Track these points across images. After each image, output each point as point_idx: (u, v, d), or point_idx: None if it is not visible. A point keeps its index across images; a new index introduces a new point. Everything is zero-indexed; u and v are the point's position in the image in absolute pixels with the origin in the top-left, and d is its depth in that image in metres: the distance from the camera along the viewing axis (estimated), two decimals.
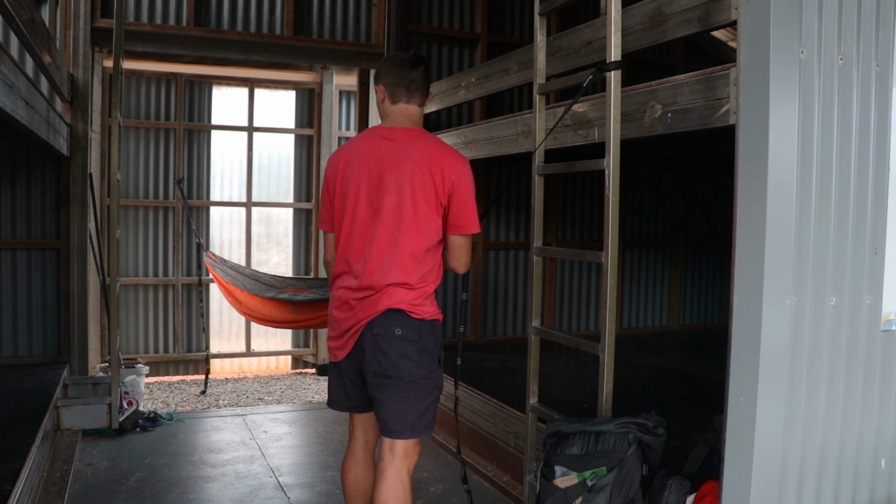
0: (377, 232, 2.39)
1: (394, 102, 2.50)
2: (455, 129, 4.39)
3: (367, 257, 2.39)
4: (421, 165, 2.38)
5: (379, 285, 2.38)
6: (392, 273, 2.38)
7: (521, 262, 5.83)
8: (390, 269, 2.38)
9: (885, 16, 2.12)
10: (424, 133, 2.50)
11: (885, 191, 2.16)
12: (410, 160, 2.39)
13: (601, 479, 2.25)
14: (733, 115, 2.18)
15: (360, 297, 2.40)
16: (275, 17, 4.97)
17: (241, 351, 6.88)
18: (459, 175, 2.42)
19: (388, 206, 2.39)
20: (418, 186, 2.38)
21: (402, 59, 2.51)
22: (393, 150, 2.42)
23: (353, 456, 2.58)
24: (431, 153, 2.41)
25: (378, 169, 2.41)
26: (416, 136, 2.46)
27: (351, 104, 7.19)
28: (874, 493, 2.21)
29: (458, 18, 5.49)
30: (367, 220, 2.42)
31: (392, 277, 2.37)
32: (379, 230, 2.39)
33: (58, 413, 3.63)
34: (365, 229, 2.42)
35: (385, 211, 2.39)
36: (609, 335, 2.53)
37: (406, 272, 2.39)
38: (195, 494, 3.50)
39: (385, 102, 2.52)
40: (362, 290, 2.40)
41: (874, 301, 2.16)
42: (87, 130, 4.44)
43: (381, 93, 2.53)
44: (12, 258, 4.44)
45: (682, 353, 5.71)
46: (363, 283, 2.40)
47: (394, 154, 2.41)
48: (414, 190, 2.38)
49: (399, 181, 2.38)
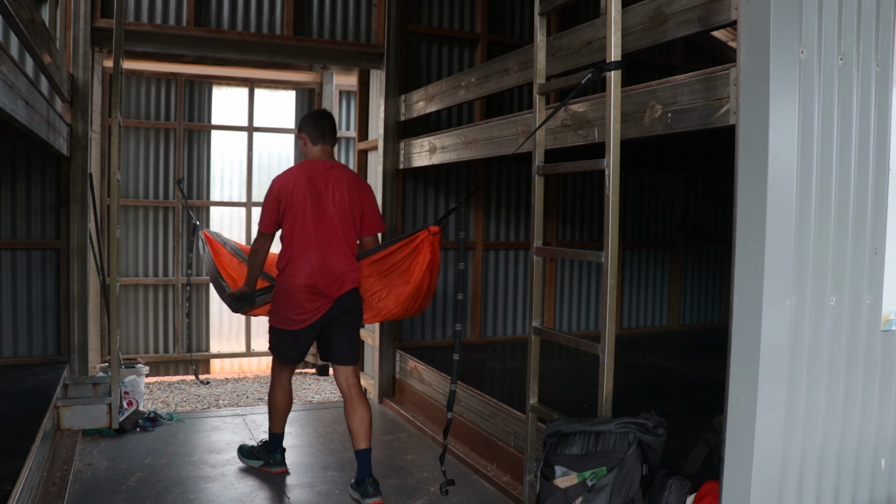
0: (331, 235, 3.43)
1: (315, 144, 3.57)
2: (455, 129, 4.39)
3: (326, 253, 3.42)
4: (350, 187, 3.49)
5: (338, 272, 3.43)
6: (344, 263, 3.45)
7: (521, 262, 5.83)
8: (342, 260, 3.45)
9: (885, 16, 2.12)
10: (344, 165, 3.65)
11: (885, 191, 2.16)
12: (342, 182, 3.47)
13: (601, 479, 2.25)
14: (733, 115, 2.18)
15: (326, 281, 3.41)
16: (275, 17, 4.97)
17: (241, 351, 6.89)
18: (370, 193, 3.61)
19: (332, 215, 3.44)
20: (347, 201, 3.47)
21: (316, 115, 3.63)
22: (328, 176, 3.47)
23: (286, 389, 3.73)
24: (352, 178, 3.54)
25: (322, 190, 3.44)
26: (341, 166, 3.57)
27: (351, 104, 7.18)
28: (874, 493, 2.21)
29: (458, 18, 5.49)
30: (318, 225, 3.42)
31: (345, 266, 3.45)
32: (329, 233, 3.43)
33: (58, 413, 3.64)
34: (320, 233, 3.42)
35: (331, 219, 3.44)
36: (609, 335, 2.53)
37: (351, 261, 3.49)
38: (195, 494, 3.50)
39: (308, 145, 3.59)
40: (327, 276, 3.41)
41: (874, 301, 2.16)
42: (87, 130, 4.44)
43: (304, 139, 3.59)
44: (12, 258, 4.44)
45: (682, 353, 5.71)
46: (327, 271, 3.41)
47: (329, 179, 3.47)
48: (346, 204, 3.46)
49: (337, 197, 3.45)
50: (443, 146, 4.45)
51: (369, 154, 5.77)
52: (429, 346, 5.42)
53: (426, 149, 4.71)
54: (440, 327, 5.58)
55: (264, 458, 3.83)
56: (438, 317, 5.57)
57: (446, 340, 5.52)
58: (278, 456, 3.82)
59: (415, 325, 5.49)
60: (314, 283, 3.39)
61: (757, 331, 1.99)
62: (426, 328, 5.54)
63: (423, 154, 4.77)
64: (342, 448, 4.21)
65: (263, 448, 3.86)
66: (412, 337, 5.48)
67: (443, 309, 5.56)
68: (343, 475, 3.79)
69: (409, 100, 5.06)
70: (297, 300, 3.41)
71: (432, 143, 4.61)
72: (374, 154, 5.58)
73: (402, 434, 4.54)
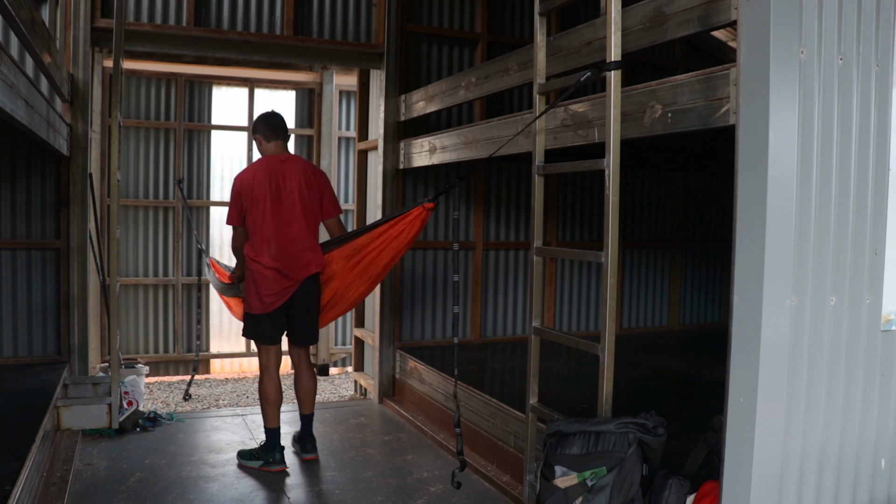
0: (292, 222, 3.72)
1: (268, 142, 3.86)
2: (455, 129, 4.39)
3: (291, 239, 3.71)
4: (307, 176, 3.79)
5: (301, 256, 3.72)
6: (308, 248, 3.75)
7: (521, 262, 5.83)
8: (307, 246, 3.74)
9: (885, 16, 2.12)
10: (297, 156, 3.95)
11: (885, 191, 2.16)
12: (298, 172, 3.77)
13: (601, 479, 2.25)
14: (733, 115, 2.18)
15: (290, 264, 3.70)
16: (275, 17, 4.97)
17: (241, 351, 6.89)
18: (325, 179, 3.92)
19: (292, 204, 3.72)
20: (306, 189, 3.76)
21: (267, 116, 3.91)
22: (285, 168, 3.77)
23: (275, 379, 3.87)
24: (307, 167, 3.84)
25: (280, 181, 3.73)
26: (295, 157, 3.88)
27: (351, 104, 7.19)
28: (874, 493, 2.21)
29: (458, 18, 5.49)
30: (280, 214, 3.70)
31: (308, 249, 3.74)
32: (292, 221, 3.72)
33: (58, 413, 3.63)
34: (281, 221, 3.70)
35: (292, 207, 3.72)
36: (609, 335, 2.53)
37: (314, 246, 3.79)
38: (195, 494, 3.50)
39: (263, 144, 3.88)
40: (290, 260, 3.70)
41: (874, 301, 2.16)
42: (87, 130, 4.44)
43: (258, 140, 3.88)
44: (12, 258, 4.43)
45: (682, 353, 5.71)
46: (290, 256, 3.70)
47: (286, 170, 3.76)
48: (305, 192, 3.75)
49: (297, 187, 3.74)
50: (443, 146, 4.45)
51: (369, 154, 5.77)
52: (429, 346, 5.42)
53: (426, 149, 4.71)
54: (440, 327, 5.58)
55: (263, 457, 3.85)
56: (438, 317, 5.57)
57: (446, 340, 5.52)
58: (277, 454, 3.83)
59: (415, 325, 5.49)
60: (279, 267, 3.69)
61: (757, 331, 1.99)
62: (426, 328, 5.54)
63: (423, 154, 4.77)
64: (342, 448, 4.21)
65: (262, 448, 3.87)
66: (412, 337, 5.48)
67: (443, 309, 5.56)
68: (343, 475, 3.79)
69: (409, 100, 5.06)
70: (267, 283, 3.71)
71: (432, 143, 4.61)
72: (374, 154, 5.58)
73: (402, 434, 4.54)
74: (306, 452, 3.99)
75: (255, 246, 3.73)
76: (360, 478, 3.76)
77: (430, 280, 5.52)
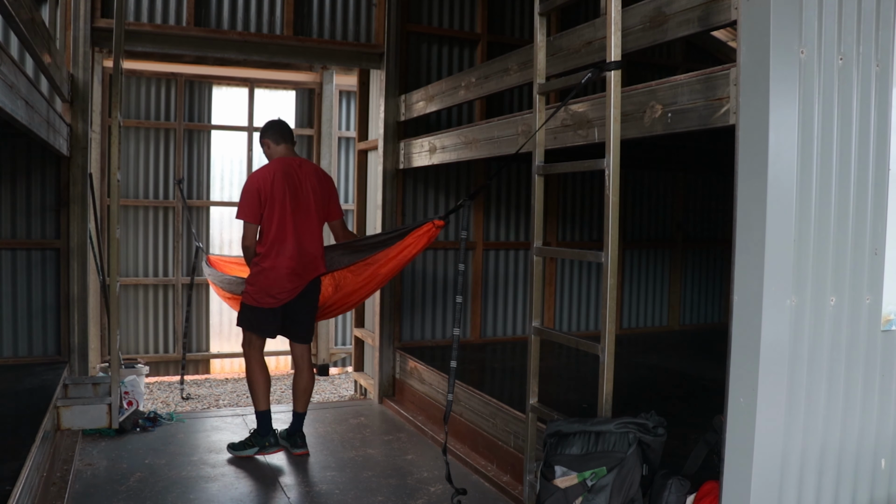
0: (308, 223, 3.86)
1: (278, 144, 3.96)
2: (455, 129, 4.39)
3: (303, 239, 3.84)
4: (318, 179, 3.96)
5: (313, 257, 3.88)
6: (317, 248, 3.91)
7: (521, 262, 5.83)
8: (315, 246, 3.90)
9: (885, 16, 2.12)
10: (308, 160, 4.29)
11: (885, 191, 2.16)
12: (312, 175, 3.93)
13: (601, 479, 2.25)
14: (733, 115, 2.18)
15: (303, 264, 3.85)
16: (275, 17, 4.97)
17: (241, 351, 6.87)
18: (332, 183, 4.09)
19: (306, 205, 3.87)
20: (319, 191, 3.92)
21: (274, 122, 4.00)
22: (301, 171, 3.90)
23: (261, 363, 4.02)
24: (318, 171, 4.02)
25: (297, 182, 3.86)
26: (308, 161, 4.04)
27: (351, 104, 7.18)
28: (874, 493, 2.21)
29: (458, 18, 5.49)
30: (294, 215, 3.82)
31: (317, 252, 3.91)
32: (305, 221, 3.85)
33: (58, 413, 3.63)
34: (299, 221, 3.83)
35: (305, 209, 3.86)
36: (609, 335, 2.53)
37: (321, 247, 3.95)
38: (195, 494, 3.50)
39: (272, 147, 3.97)
40: (304, 260, 3.85)
41: (874, 301, 2.16)
42: (87, 130, 4.44)
43: (267, 143, 3.98)
44: (12, 258, 4.43)
45: (682, 353, 5.71)
46: (304, 256, 3.84)
47: (301, 173, 3.90)
48: (318, 194, 3.91)
49: (310, 189, 3.88)
50: (443, 146, 4.45)
51: (369, 154, 5.77)
52: (429, 346, 5.42)
53: (426, 149, 4.71)
54: (440, 327, 5.58)
55: (258, 442, 3.89)
56: (438, 317, 5.57)
57: (446, 340, 5.52)
58: (272, 438, 3.93)
59: (415, 325, 5.49)
60: (295, 266, 3.82)
61: (757, 331, 1.99)
62: (426, 328, 5.54)
63: (423, 154, 4.77)
64: (342, 448, 4.21)
65: (255, 434, 3.89)
66: (412, 337, 5.48)
67: (443, 309, 5.56)
68: (343, 475, 3.79)
69: (409, 100, 5.06)
70: (281, 280, 3.81)
71: (432, 143, 4.61)
72: (374, 154, 5.58)
73: (402, 434, 4.54)
74: (297, 447, 4.03)
75: (270, 244, 3.80)
76: (360, 478, 3.76)
77: (430, 280, 5.52)
